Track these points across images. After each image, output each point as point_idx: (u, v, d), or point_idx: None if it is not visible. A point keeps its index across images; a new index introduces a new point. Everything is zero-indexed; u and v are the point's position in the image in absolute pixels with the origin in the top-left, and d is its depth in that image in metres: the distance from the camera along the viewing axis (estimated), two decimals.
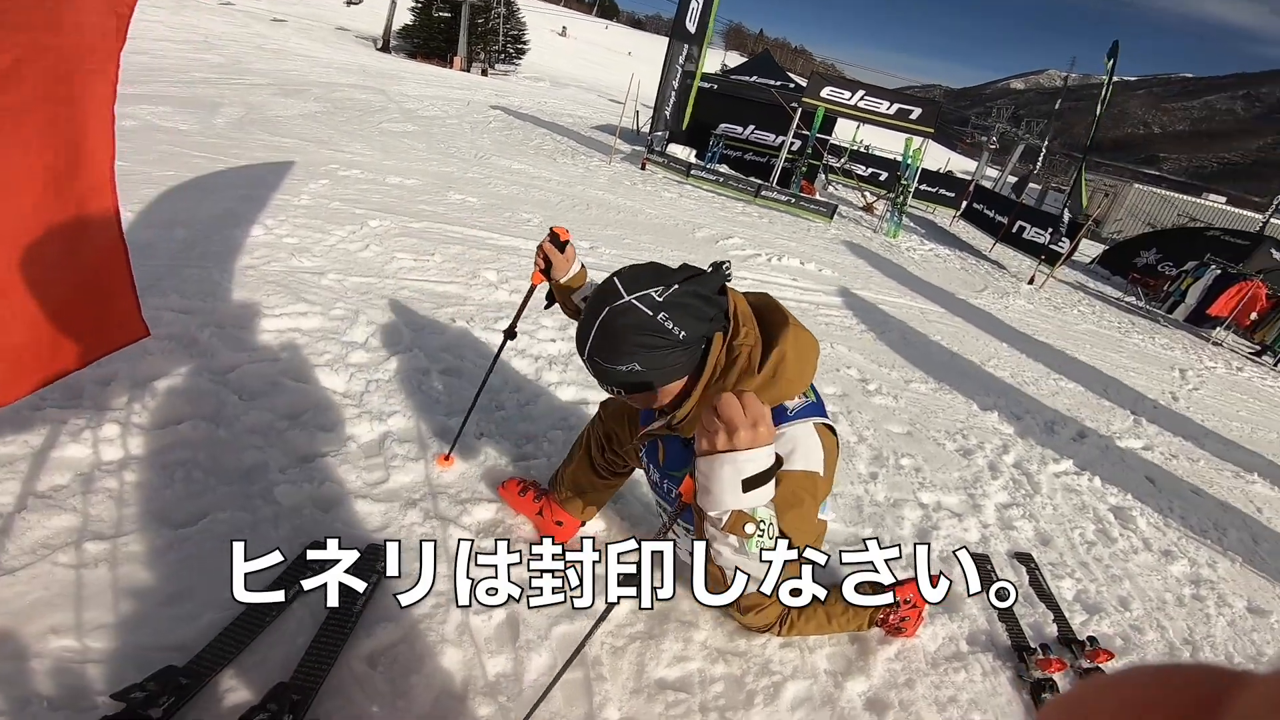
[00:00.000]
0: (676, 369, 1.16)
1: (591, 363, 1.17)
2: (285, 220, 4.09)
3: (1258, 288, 9.35)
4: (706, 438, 0.91)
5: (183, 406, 2.18)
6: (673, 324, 1.12)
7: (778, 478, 1.08)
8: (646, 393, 1.19)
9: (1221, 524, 3.52)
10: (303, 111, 8.01)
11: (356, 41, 24.50)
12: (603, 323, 1.14)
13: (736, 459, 0.89)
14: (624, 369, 1.14)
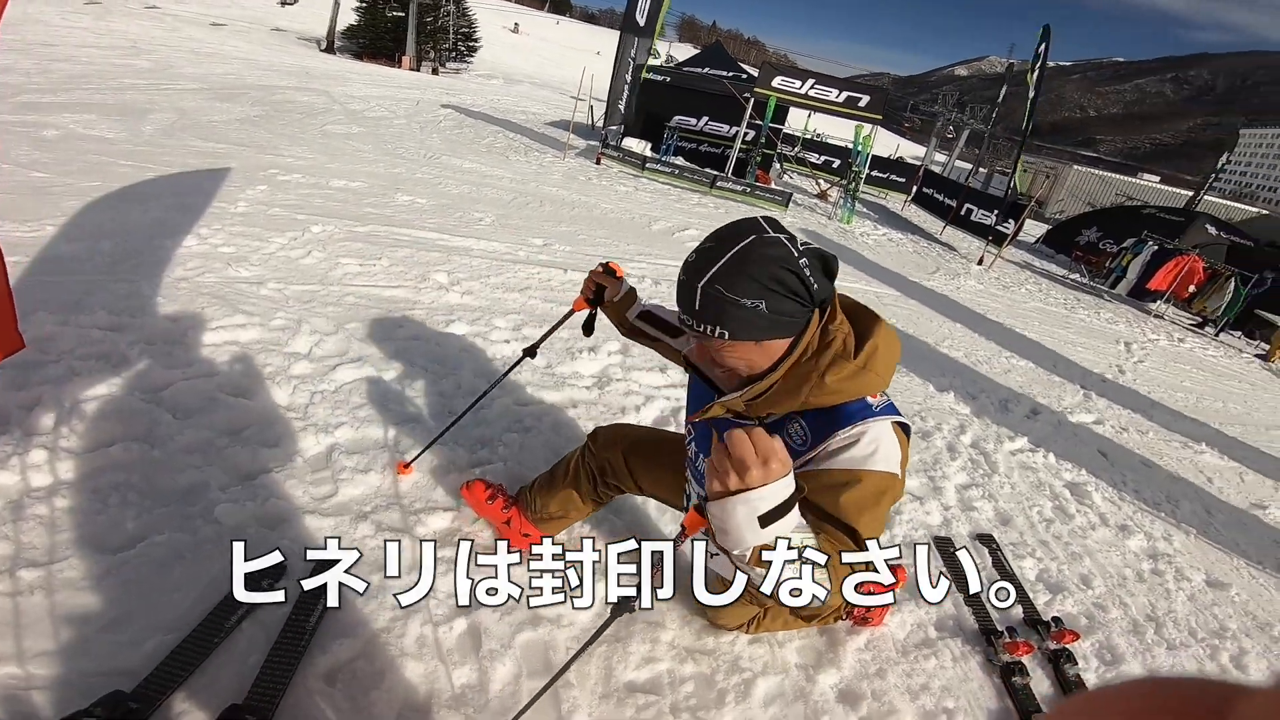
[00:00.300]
0: (789, 326, 1.08)
1: (706, 292, 1.04)
2: (220, 229, 3.91)
3: (1194, 261, 9.78)
4: (717, 479, 0.86)
5: (113, 428, 2.07)
6: (810, 274, 1.05)
7: (855, 479, 1.06)
8: (744, 344, 1.08)
9: (1174, 496, 3.62)
10: (239, 116, 7.70)
11: (298, 43, 23.72)
12: (743, 250, 1.03)
13: (749, 498, 0.84)
14: (747, 304, 1.03)
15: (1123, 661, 2.18)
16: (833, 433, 1.10)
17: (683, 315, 1.10)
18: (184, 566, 1.68)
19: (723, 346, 1.09)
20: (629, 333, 1.77)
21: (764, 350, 1.10)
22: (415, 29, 25.92)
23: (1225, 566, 3.02)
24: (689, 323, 1.09)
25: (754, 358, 1.11)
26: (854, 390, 1.11)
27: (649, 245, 6.08)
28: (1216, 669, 2.32)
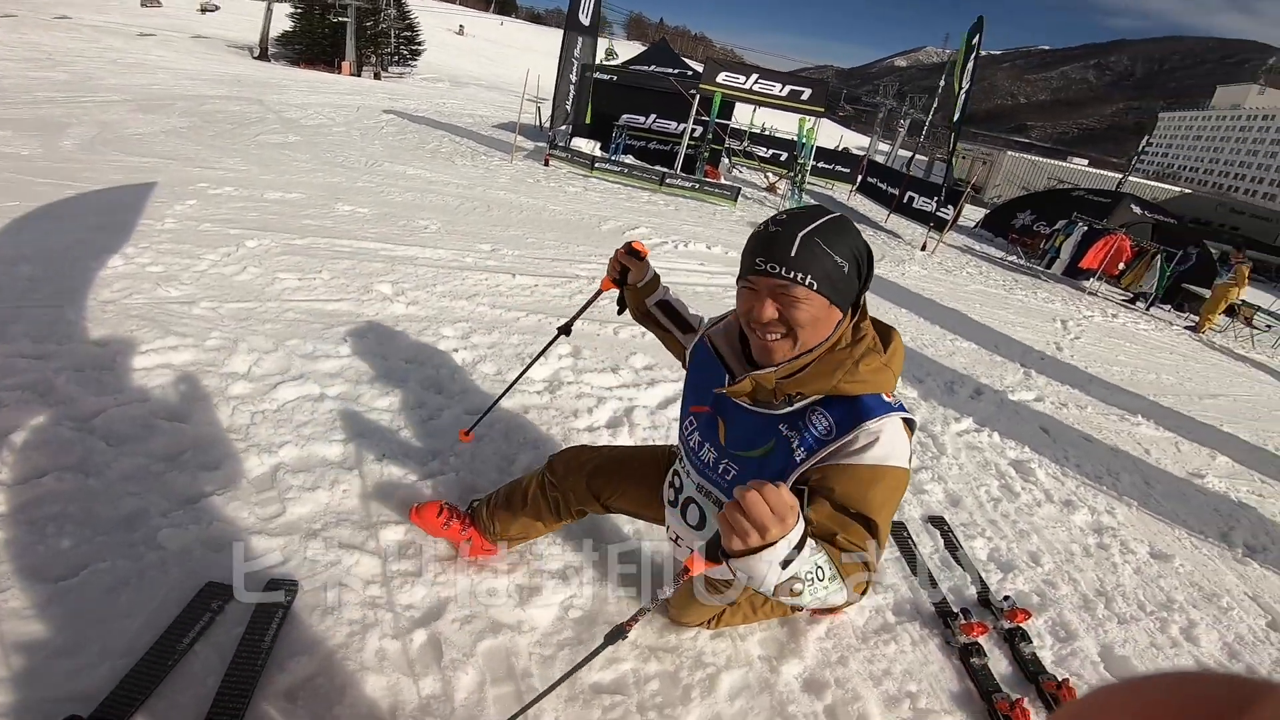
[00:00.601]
0: (847, 300, 1.18)
1: (808, 242, 1.10)
2: (148, 247, 3.75)
3: (1121, 240, 10.31)
4: (737, 537, 0.88)
5: (44, 459, 1.99)
6: (867, 265, 1.19)
7: (879, 476, 1.13)
8: (823, 300, 1.13)
9: (1114, 469, 3.76)
10: (165, 128, 7.37)
11: (229, 51, 22.85)
12: (841, 219, 1.15)
13: (775, 552, 0.89)
14: (839, 260, 1.12)
15: (1076, 638, 2.23)
16: (857, 424, 1.15)
17: (768, 263, 1.12)
18: (130, 592, 1.65)
19: (802, 298, 1.12)
20: (641, 317, 1.81)
21: (828, 315, 1.16)
22: (355, 33, 25.25)
23: (1168, 538, 3.13)
24: (775, 269, 1.11)
25: (820, 317, 1.15)
26: (877, 383, 1.19)
27: (600, 245, 6.07)
28: (1168, 641, 2.36)
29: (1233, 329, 9.94)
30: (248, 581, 1.72)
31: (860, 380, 1.17)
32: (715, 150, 12.72)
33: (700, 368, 1.47)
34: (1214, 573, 2.91)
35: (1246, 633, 2.52)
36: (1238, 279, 9.31)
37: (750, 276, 1.16)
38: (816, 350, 1.19)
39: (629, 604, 1.93)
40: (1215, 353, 8.43)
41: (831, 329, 1.19)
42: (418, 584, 1.84)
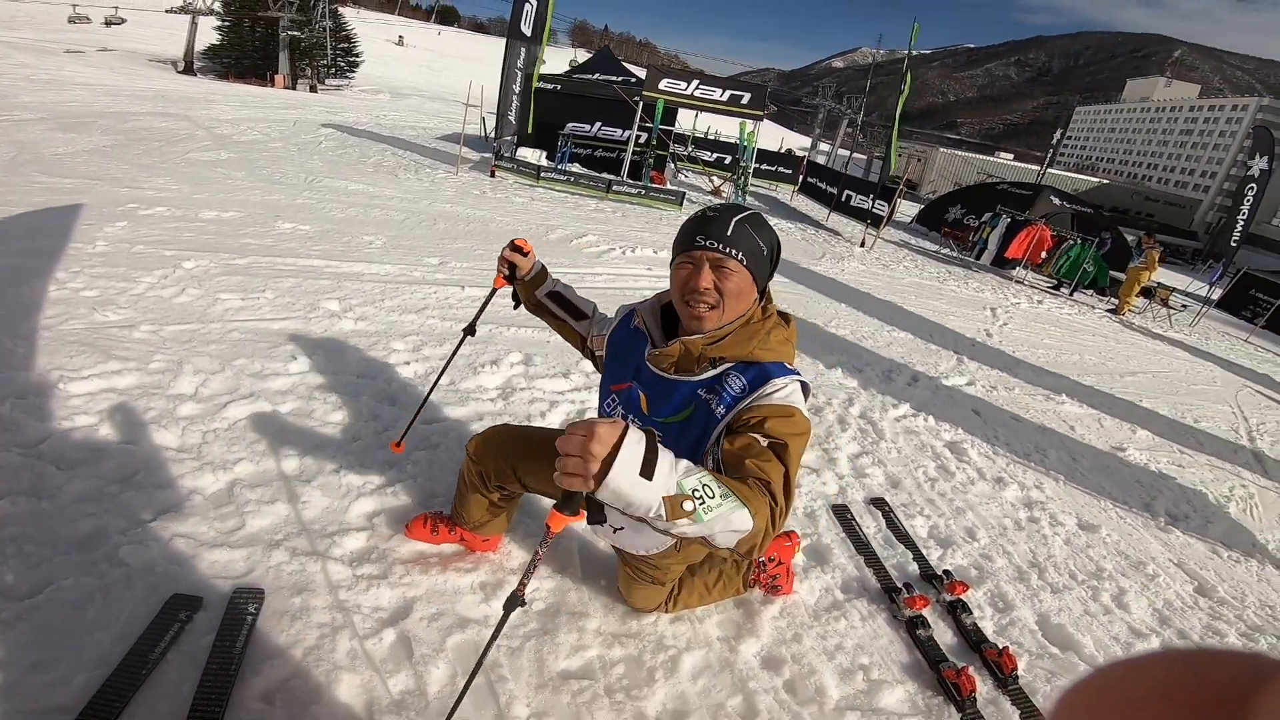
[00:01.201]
0: (763, 281, 1.42)
1: (740, 226, 1.34)
2: (80, 271, 3.65)
3: (1042, 230, 10.94)
4: (580, 480, 0.92)
5: None
6: (777, 255, 1.44)
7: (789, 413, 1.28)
8: (749, 274, 1.36)
9: (1041, 446, 3.99)
10: (88, 147, 7.07)
11: (151, 65, 21.88)
12: (759, 214, 1.40)
13: (616, 470, 0.90)
14: (761, 244, 1.37)
15: (1014, 608, 2.38)
16: (768, 380, 1.34)
17: (707, 239, 1.34)
18: (97, 608, 1.67)
19: (734, 269, 1.34)
20: (535, 308, 1.92)
21: (749, 289, 1.39)
22: (288, 45, 24.52)
23: (1094, 509, 3.33)
24: (713, 245, 1.34)
25: (744, 290, 1.37)
26: (783, 353, 1.41)
27: (547, 254, 6.13)
28: (1100, 609, 2.49)
29: (1150, 310, 10.66)
30: (213, 591, 1.76)
31: (770, 349, 1.39)
32: (660, 156, 12.93)
33: (620, 348, 1.61)
34: (1139, 541, 3.10)
35: (1174, 598, 2.69)
36: (1148, 263, 9.99)
37: (690, 252, 1.36)
38: (736, 321, 1.39)
39: (590, 594, 2.01)
40: (1134, 333, 8.99)
41: (751, 303, 1.41)
42: (383, 586, 1.90)
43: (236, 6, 25.28)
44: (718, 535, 1.04)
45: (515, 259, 1.85)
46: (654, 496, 0.94)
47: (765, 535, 1.11)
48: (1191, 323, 10.85)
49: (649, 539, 1.62)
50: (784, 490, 1.18)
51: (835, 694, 1.86)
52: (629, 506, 0.94)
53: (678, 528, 0.98)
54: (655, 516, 0.96)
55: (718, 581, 2.00)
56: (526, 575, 1.26)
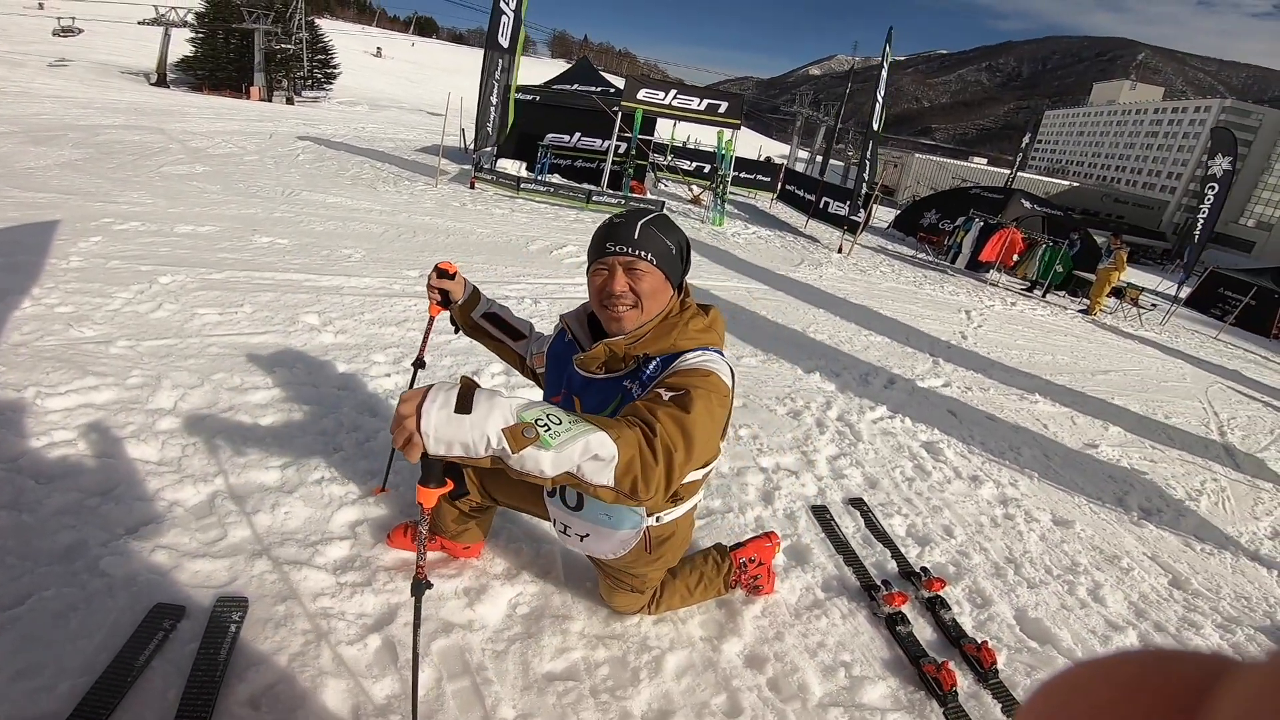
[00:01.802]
0: (676, 278, 1.48)
1: (646, 228, 1.41)
2: (55, 287, 3.61)
3: (1014, 233, 11.18)
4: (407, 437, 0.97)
5: None
6: (688, 252, 1.53)
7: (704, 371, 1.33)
8: (660, 274, 1.43)
9: (1016, 444, 4.08)
10: (60, 160, 6.98)
11: (123, 77, 21.62)
12: (664, 216, 1.47)
13: (424, 414, 0.96)
14: (669, 243, 1.44)
15: (991, 603, 2.42)
16: (680, 357, 1.41)
17: (617, 244, 1.41)
18: (80, 617, 1.68)
19: (645, 270, 1.41)
20: (471, 331, 1.92)
21: (664, 287, 1.45)
22: (263, 56, 24.34)
23: (1068, 505, 3.40)
24: (623, 250, 1.40)
25: (657, 289, 1.44)
26: (704, 340, 1.47)
27: (527, 266, 6.16)
28: (1076, 603, 2.53)
29: (1121, 310, 10.92)
30: (197, 600, 1.78)
31: (691, 338, 1.46)
32: (640, 166, 13.03)
33: (558, 360, 1.66)
34: (1113, 536, 3.17)
35: (1150, 591, 2.75)
36: (1117, 263, 10.25)
37: (603, 259, 1.43)
38: (655, 318, 1.46)
39: (573, 597, 2.04)
40: (1106, 332, 9.20)
41: (667, 300, 1.48)
42: (366, 593, 1.92)
43: (210, 18, 25.08)
44: (585, 468, 1.04)
45: (445, 285, 1.84)
46: (481, 430, 0.96)
47: (648, 467, 1.10)
48: (1161, 321, 11.14)
49: (615, 542, 1.63)
50: (676, 427, 1.17)
51: (818, 691, 1.89)
52: (466, 447, 0.96)
53: (530, 463, 0.99)
54: (501, 452, 0.98)
55: (699, 584, 2.04)
56: (420, 558, 1.34)
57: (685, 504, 1.70)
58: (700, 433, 1.21)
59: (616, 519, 1.58)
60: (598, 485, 1.07)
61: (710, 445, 1.29)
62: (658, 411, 1.18)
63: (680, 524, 1.73)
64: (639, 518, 1.59)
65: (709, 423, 1.25)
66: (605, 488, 1.08)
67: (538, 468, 1.00)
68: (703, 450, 1.23)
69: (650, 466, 1.11)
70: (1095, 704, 0.26)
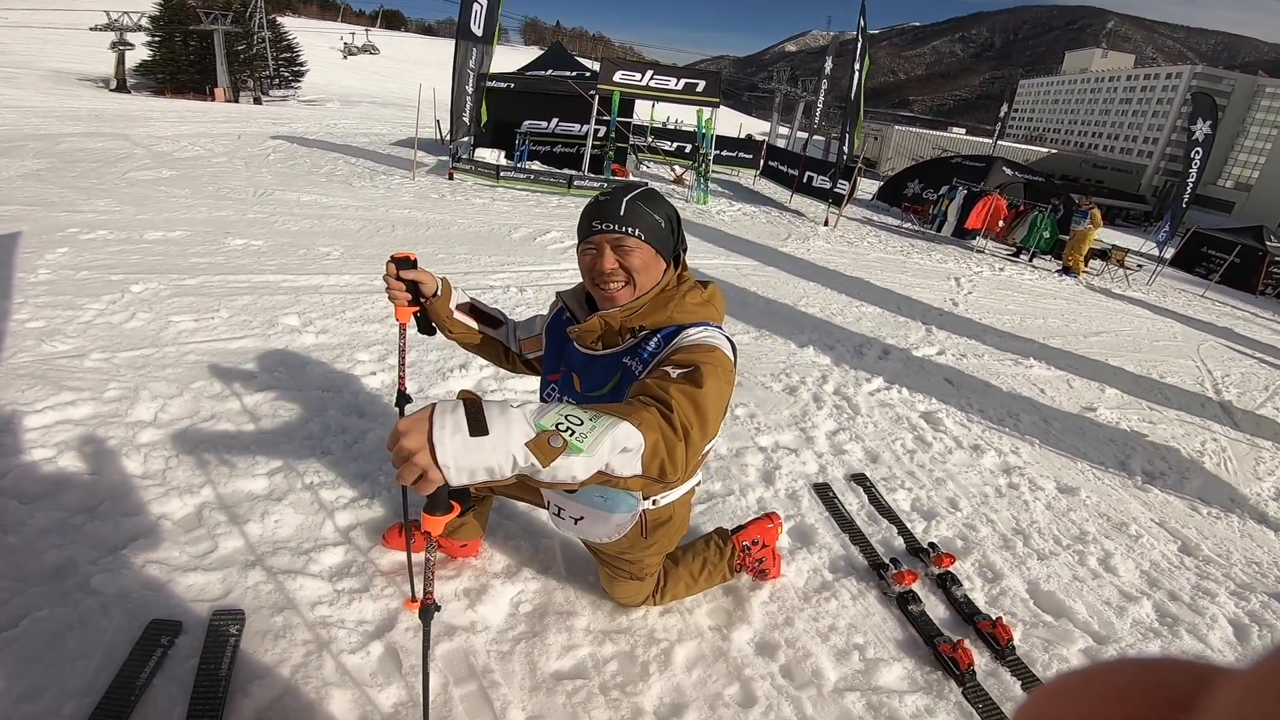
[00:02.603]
0: (668, 251, 1.43)
1: (632, 204, 1.36)
2: (24, 301, 3.49)
3: (997, 200, 11.15)
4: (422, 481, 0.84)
5: None
6: (678, 224, 1.47)
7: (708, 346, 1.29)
8: (650, 249, 1.38)
9: (1014, 411, 4.04)
10: (20, 171, 6.75)
11: (80, 84, 21.00)
12: (651, 190, 1.42)
13: (437, 444, 0.83)
14: (657, 217, 1.39)
15: (1003, 577, 2.38)
16: (682, 333, 1.36)
17: (603, 223, 1.36)
18: (76, 636, 1.64)
19: (634, 246, 1.36)
20: (448, 327, 1.67)
21: (655, 262, 1.40)
22: (225, 57, 23.73)
23: (1071, 471, 3.37)
24: (610, 227, 1.36)
25: (649, 263, 1.39)
26: (703, 315, 1.42)
27: (511, 254, 6.05)
28: (1089, 574, 2.49)
29: (1108, 271, 10.97)
30: (192, 614, 1.74)
31: (688, 311, 1.40)
32: (620, 148, 12.86)
33: (556, 337, 1.60)
34: (1119, 502, 3.14)
35: (1160, 559, 2.71)
36: (1093, 221, 10.28)
37: (591, 238, 1.38)
38: (651, 291, 1.41)
39: (576, 592, 1.99)
40: (1096, 294, 9.22)
41: (660, 274, 1.43)
42: (365, 599, 1.87)
43: (165, 20, 24.39)
44: (615, 464, 0.95)
45: (412, 275, 1.54)
46: (505, 449, 0.85)
47: (672, 447, 1.03)
48: (1148, 281, 11.19)
49: (610, 525, 1.58)
50: (691, 404, 1.11)
51: (833, 675, 1.85)
52: (491, 472, 0.85)
53: (563, 472, 0.89)
54: (530, 468, 0.87)
55: (703, 570, 1.99)
56: (428, 583, 1.28)
57: (682, 487, 1.64)
58: (712, 408, 1.16)
59: (612, 502, 1.53)
60: (628, 477, 0.99)
61: (719, 422, 1.25)
62: (670, 389, 1.12)
63: (677, 507, 1.68)
64: (635, 501, 1.53)
65: (719, 398, 1.21)
66: (635, 478, 1.00)
67: (570, 475, 0.91)
68: (714, 427, 1.20)
69: (674, 445, 1.04)
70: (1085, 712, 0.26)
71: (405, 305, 1.57)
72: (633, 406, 1.05)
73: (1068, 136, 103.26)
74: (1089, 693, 0.26)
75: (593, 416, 0.95)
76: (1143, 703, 0.24)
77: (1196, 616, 2.39)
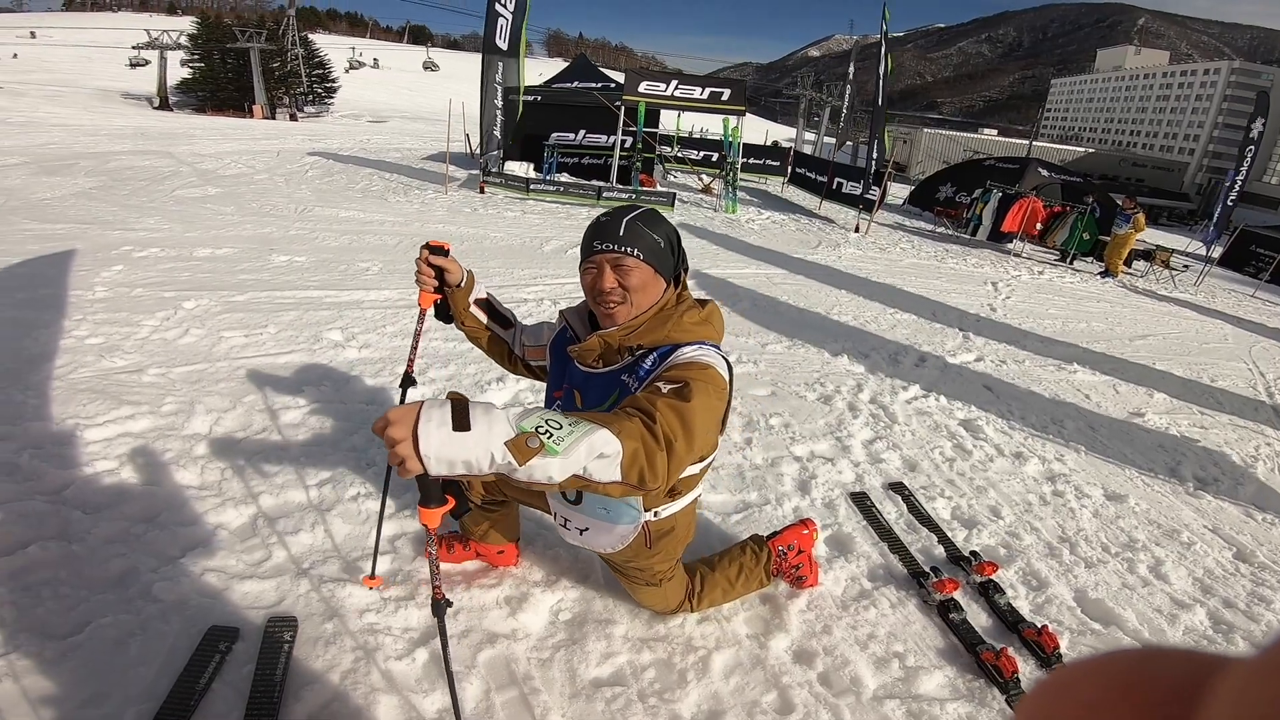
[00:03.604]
0: (668, 272, 1.46)
1: (631, 225, 1.40)
2: (83, 319, 3.65)
3: (1034, 202, 10.91)
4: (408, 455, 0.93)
5: (24, 531, 2.02)
6: (678, 245, 1.49)
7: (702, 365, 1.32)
8: (649, 269, 1.41)
9: (1058, 417, 3.94)
10: (74, 190, 7.07)
11: (125, 102, 21.96)
12: (653, 210, 1.46)
13: (422, 435, 0.91)
14: (656, 238, 1.42)
15: (1049, 585, 2.33)
16: (677, 351, 1.40)
17: (604, 243, 1.40)
18: (138, 643, 1.70)
19: (633, 266, 1.40)
20: (463, 320, 1.74)
21: (654, 281, 1.43)
22: (261, 75, 24.56)
23: (1119, 478, 3.28)
24: (610, 247, 1.39)
25: (648, 282, 1.42)
26: (700, 334, 1.45)
27: (544, 267, 6.12)
28: (1139, 581, 2.44)
29: (1152, 272, 10.63)
30: (248, 621, 1.80)
31: (685, 330, 1.43)
32: (648, 159, 12.94)
33: (558, 355, 1.63)
34: (1170, 509, 3.04)
35: (1214, 566, 2.62)
36: (1135, 225, 9.98)
37: (591, 258, 1.43)
38: (649, 310, 1.44)
39: (614, 601, 2.01)
40: (1140, 296, 8.93)
41: (659, 294, 1.46)
42: (410, 606, 1.91)
43: (203, 39, 25.35)
44: (591, 468, 1.02)
45: (442, 263, 1.62)
46: (485, 446, 0.93)
47: (653, 455, 1.08)
48: (1196, 282, 10.82)
49: (614, 536, 1.62)
50: (676, 416, 1.16)
51: (872, 683, 1.84)
52: (469, 466, 0.94)
53: (539, 472, 0.97)
54: (506, 466, 0.95)
55: (739, 575, 2.00)
56: (434, 578, 1.34)
57: (683, 499, 1.66)
58: (700, 423, 1.21)
59: (615, 513, 1.56)
60: (606, 483, 1.06)
61: (709, 437, 1.29)
62: (656, 402, 1.18)
63: (679, 518, 1.69)
64: (637, 512, 1.57)
65: (707, 414, 1.25)
66: (614, 483, 1.06)
67: (545, 475, 0.98)
68: (702, 441, 1.23)
69: (654, 453, 1.10)
70: (1088, 702, 0.26)
71: (430, 291, 1.66)
72: (616, 416, 1.12)
73: (1104, 135, 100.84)
74: (1092, 684, 0.26)
75: (573, 423, 1.02)
76: (1146, 693, 0.24)
77: (1252, 624, 2.32)
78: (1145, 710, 0.24)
